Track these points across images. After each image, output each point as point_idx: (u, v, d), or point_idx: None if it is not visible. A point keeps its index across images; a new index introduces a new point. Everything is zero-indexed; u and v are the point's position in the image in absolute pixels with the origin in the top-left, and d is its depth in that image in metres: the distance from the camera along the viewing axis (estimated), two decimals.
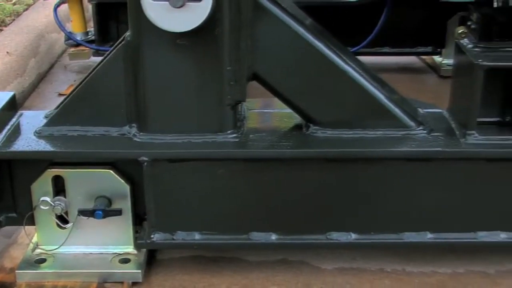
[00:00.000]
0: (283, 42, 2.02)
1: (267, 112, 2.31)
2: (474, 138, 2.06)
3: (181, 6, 1.80)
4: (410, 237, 2.14)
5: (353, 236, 2.13)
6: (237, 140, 2.05)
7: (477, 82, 2.01)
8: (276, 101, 2.15)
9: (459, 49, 2.15)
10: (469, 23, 2.17)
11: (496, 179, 2.08)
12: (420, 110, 2.24)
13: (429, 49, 3.78)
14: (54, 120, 2.10)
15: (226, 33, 1.93)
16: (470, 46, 2.11)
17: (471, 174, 2.08)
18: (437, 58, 3.88)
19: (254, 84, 2.07)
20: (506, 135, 2.09)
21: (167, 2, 1.80)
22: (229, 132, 2.06)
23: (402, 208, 2.11)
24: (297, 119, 2.17)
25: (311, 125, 2.11)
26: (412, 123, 2.12)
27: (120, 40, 2.02)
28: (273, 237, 2.12)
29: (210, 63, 1.97)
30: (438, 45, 3.72)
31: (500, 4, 2.14)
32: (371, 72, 2.15)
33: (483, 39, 2.10)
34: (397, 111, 2.10)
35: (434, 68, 3.91)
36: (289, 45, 2.03)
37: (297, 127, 2.16)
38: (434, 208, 2.11)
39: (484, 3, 2.20)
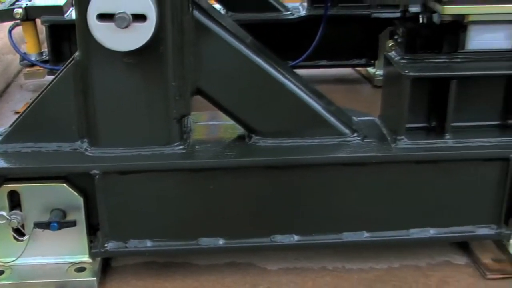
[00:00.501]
0: (225, 59, 2.07)
1: (212, 125, 2.35)
2: (404, 142, 2.14)
3: (126, 27, 1.82)
4: (348, 236, 2.20)
5: (295, 238, 2.18)
6: (183, 151, 2.09)
7: (404, 91, 2.09)
8: (221, 114, 2.19)
9: (388, 61, 2.23)
10: (396, 37, 2.24)
11: (424, 180, 2.16)
12: (354, 118, 2.30)
13: (363, 61, 3.85)
14: (8, 137, 2.10)
15: (170, 51, 1.96)
16: (397, 58, 2.19)
17: (402, 176, 2.15)
18: (371, 69, 3.97)
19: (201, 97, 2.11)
20: (432, 139, 2.17)
21: (113, 23, 1.83)
22: (176, 144, 2.09)
23: (340, 210, 2.17)
24: (240, 130, 2.21)
25: (253, 135, 2.16)
26: (347, 131, 2.18)
27: (70, 60, 2.03)
28: (221, 241, 2.16)
29: (156, 79, 2.00)
30: (371, 57, 3.81)
31: (425, 20, 2.22)
32: (308, 85, 2.21)
33: (408, 51, 2.18)
34: (332, 120, 2.16)
35: (368, 79, 3.99)
36: (230, 62, 2.08)
37: (240, 137, 2.20)
38: (369, 209, 2.18)
39: (409, 19, 2.29)
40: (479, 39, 2.17)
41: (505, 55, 2.19)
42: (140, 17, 1.83)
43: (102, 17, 1.83)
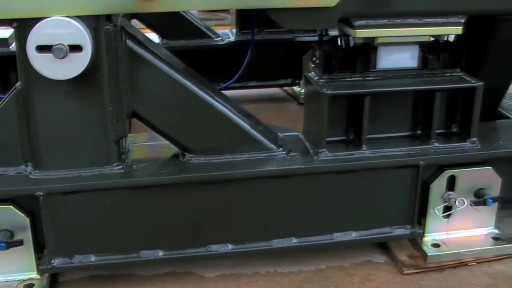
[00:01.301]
0: (157, 84, 2.10)
1: (148, 145, 2.37)
2: (325, 155, 2.20)
3: (63, 57, 1.83)
4: (278, 243, 2.25)
5: (229, 247, 2.22)
6: (122, 171, 2.10)
7: (323, 108, 2.16)
8: (157, 135, 2.22)
9: (308, 81, 2.29)
10: (314, 58, 2.31)
11: (345, 188, 2.23)
12: (280, 134, 2.36)
13: (289, 81, 3.93)
14: None
15: (105, 78, 1.98)
16: (316, 78, 2.26)
17: (325, 185, 2.22)
18: (296, 88, 4.05)
19: None
20: (351, 150, 2.24)
21: (51, 54, 1.83)
22: (114, 164, 2.10)
23: (269, 219, 2.22)
24: (174, 149, 2.24)
25: (186, 153, 2.19)
26: (273, 146, 2.23)
27: (12, 89, 2.03)
28: (160, 253, 2.18)
29: (93, 105, 2.01)
30: (296, 77, 3.89)
31: (343, 42, 2.29)
32: (236, 105, 2.25)
33: (326, 72, 2.25)
34: (259, 136, 2.21)
35: (294, 97, 4.07)
36: (162, 86, 2.11)
37: (175, 156, 2.23)
38: (296, 217, 2.23)
39: (326, 42, 2.36)
40: (388, 59, 2.26)
41: (411, 73, 2.29)
42: (76, 48, 1.84)
43: (41, 48, 1.84)
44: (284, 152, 2.23)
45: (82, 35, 1.85)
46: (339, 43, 2.34)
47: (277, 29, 3.73)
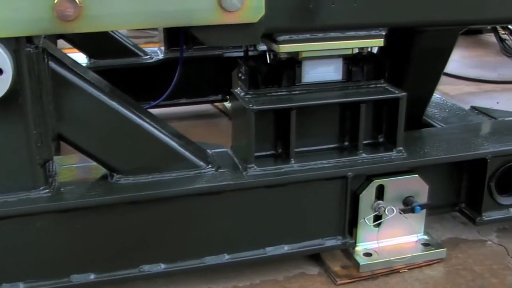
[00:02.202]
0: (82, 106, 2.10)
1: (77, 167, 2.35)
2: (254, 170, 2.23)
3: None
4: (211, 260, 2.26)
5: (162, 266, 2.22)
6: (49, 194, 2.08)
7: (250, 123, 2.19)
8: (85, 156, 2.20)
9: (234, 97, 2.32)
10: (239, 74, 2.35)
11: (275, 202, 2.27)
12: (208, 151, 2.38)
13: (219, 97, 3.97)
14: None
15: (28, 101, 1.96)
16: (242, 94, 2.29)
17: (255, 200, 2.24)
18: (227, 104, 4.09)
19: None
20: (279, 164, 2.28)
21: None
22: (41, 188, 2.08)
23: (201, 236, 2.23)
24: (103, 170, 2.23)
25: (114, 174, 2.18)
26: (202, 163, 2.25)
27: None
28: (92, 276, 2.16)
29: (18, 128, 1.99)
30: (227, 93, 3.91)
31: (272, 58, 2.33)
32: (164, 123, 2.27)
33: (252, 87, 2.28)
34: (187, 154, 2.23)
35: (225, 113, 4.11)
36: (87, 108, 2.10)
37: (103, 177, 2.22)
38: (228, 233, 2.25)
39: (251, 57, 2.40)
40: (313, 73, 2.31)
41: (336, 86, 2.34)
42: None
43: None
44: (213, 169, 2.24)
45: (2, 58, 1.83)
46: (267, 58, 2.37)
47: (206, 45, 3.75)
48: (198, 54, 3.83)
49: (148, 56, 3.84)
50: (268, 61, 2.33)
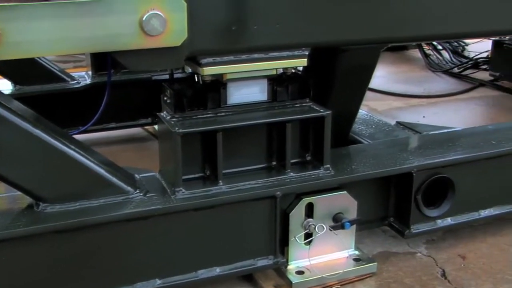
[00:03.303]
0: (4, 135, 2.04)
1: (0, 197, 2.29)
2: (182, 193, 2.23)
3: None
4: (142, 286, 2.24)
5: None
6: None
7: (176, 147, 2.18)
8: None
9: (160, 120, 2.31)
10: (165, 98, 2.34)
11: (205, 224, 2.26)
12: (136, 176, 2.36)
13: (149, 120, 3.94)
14: None
15: None
16: (168, 117, 2.29)
17: (184, 223, 2.24)
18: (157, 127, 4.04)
19: None
20: (208, 187, 2.28)
21: None
22: None
23: (132, 262, 2.21)
24: (28, 199, 2.18)
25: (40, 203, 2.14)
26: (129, 189, 2.23)
27: None
28: None
29: None
30: (156, 116, 3.87)
31: (201, 80, 2.33)
32: (90, 149, 2.24)
33: (177, 110, 2.28)
34: (115, 180, 2.21)
35: (156, 136, 4.07)
36: (10, 137, 2.05)
37: (29, 206, 2.18)
38: (159, 258, 2.24)
39: (177, 80, 2.40)
40: (238, 94, 2.33)
41: (262, 106, 2.37)
42: None
43: None
44: (141, 194, 2.23)
45: None
46: (193, 81, 2.38)
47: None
48: (126, 78, 3.81)
49: (75, 81, 3.79)
50: (194, 84, 2.32)
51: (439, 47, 6.37)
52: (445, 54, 6.36)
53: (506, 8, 2.67)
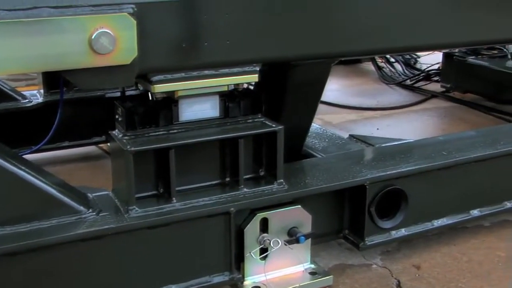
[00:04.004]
0: None
1: None
2: (135, 212, 2.21)
3: None
4: None
5: None
6: None
7: (128, 165, 2.17)
8: None
9: (112, 139, 2.30)
10: (116, 116, 2.33)
11: (159, 242, 2.25)
12: (89, 195, 2.34)
13: (103, 138, 3.90)
14: None
15: None
16: (120, 135, 2.28)
17: (138, 242, 2.22)
18: None
19: None
20: (161, 204, 2.27)
21: None
22: None
23: (86, 283, 2.19)
24: None
25: None
26: (82, 208, 2.21)
27: None
28: None
29: None
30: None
31: (155, 97, 2.32)
32: (41, 169, 2.21)
33: (129, 128, 2.27)
34: (67, 200, 2.18)
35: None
36: None
37: None
38: (113, 277, 2.22)
39: (128, 98, 2.39)
40: (190, 111, 2.33)
41: (214, 122, 2.37)
42: None
43: None
44: (94, 213, 2.21)
45: None
46: (145, 98, 2.37)
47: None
48: (79, 96, 3.78)
49: (27, 100, 3.74)
50: (145, 101, 2.32)
51: (392, 59, 6.46)
52: (398, 66, 6.45)
53: (454, 23, 2.73)
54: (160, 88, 2.19)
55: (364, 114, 5.19)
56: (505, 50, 5.33)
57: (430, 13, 2.64)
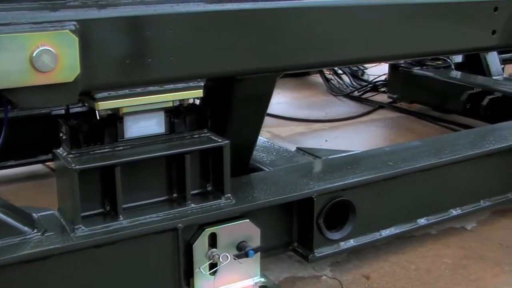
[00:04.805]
0: None
1: None
2: (82, 231, 2.19)
3: None
4: None
5: None
6: None
7: (73, 183, 2.15)
8: None
9: (57, 157, 2.27)
10: (61, 134, 2.31)
11: (107, 261, 2.24)
12: (34, 215, 2.30)
13: (50, 156, 3.84)
14: None
15: None
16: (64, 154, 2.25)
17: (85, 261, 2.20)
18: None
19: None
20: (108, 222, 2.25)
21: None
22: None
23: None
24: None
25: None
26: (27, 229, 2.18)
27: None
28: None
29: None
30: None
31: (93, 115, 2.30)
32: None
33: (74, 146, 2.25)
34: (10, 221, 2.15)
35: None
36: None
37: None
38: None
39: (72, 116, 2.37)
40: (135, 128, 2.32)
41: (160, 139, 2.37)
42: None
43: None
44: (39, 234, 2.18)
45: None
46: (89, 115, 2.35)
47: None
48: (25, 114, 3.71)
49: None
50: (90, 119, 2.30)
51: (340, 71, 6.55)
52: (346, 78, 6.54)
53: (399, 36, 2.79)
54: (104, 105, 2.18)
55: (313, 126, 5.24)
56: (449, 60, 5.45)
57: (374, 26, 2.69)
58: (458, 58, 5.52)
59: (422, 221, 3.02)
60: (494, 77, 5.19)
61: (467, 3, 3.07)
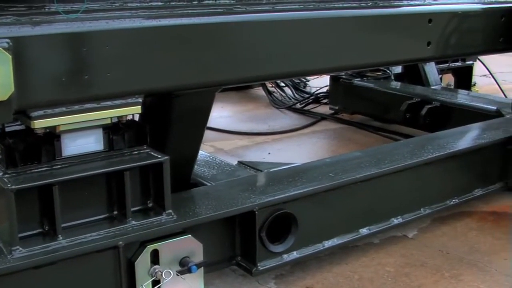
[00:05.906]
0: None
1: None
2: (19, 252, 2.17)
3: None
4: None
5: None
6: None
7: (10, 204, 2.13)
8: None
9: None
10: None
11: (46, 282, 2.22)
12: None
13: None
14: None
15: None
16: (0, 174, 2.23)
17: (24, 283, 2.18)
18: None
19: None
20: (47, 242, 2.24)
21: None
22: None
23: None
24: None
25: None
26: None
27: None
28: None
29: None
30: None
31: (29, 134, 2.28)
32: None
33: (10, 166, 2.23)
34: None
35: None
36: None
37: None
38: None
39: (7, 134, 2.35)
40: (73, 145, 2.32)
41: (99, 156, 2.37)
42: None
43: None
44: None
45: None
46: (25, 134, 2.34)
47: None
48: None
49: None
50: (26, 137, 2.29)
51: (282, 84, 6.62)
52: (288, 90, 6.61)
53: (339, 48, 2.86)
54: (40, 123, 2.17)
55: (255, 139, 5.29)
56: (388, 71, 5.57)
57: (314, 39, 2.76)
58: (398, 69, 5.66)
59: (364, 230, 3.08)
60: (432, 87, 5.33)
61: (403, 15, 3.17)
